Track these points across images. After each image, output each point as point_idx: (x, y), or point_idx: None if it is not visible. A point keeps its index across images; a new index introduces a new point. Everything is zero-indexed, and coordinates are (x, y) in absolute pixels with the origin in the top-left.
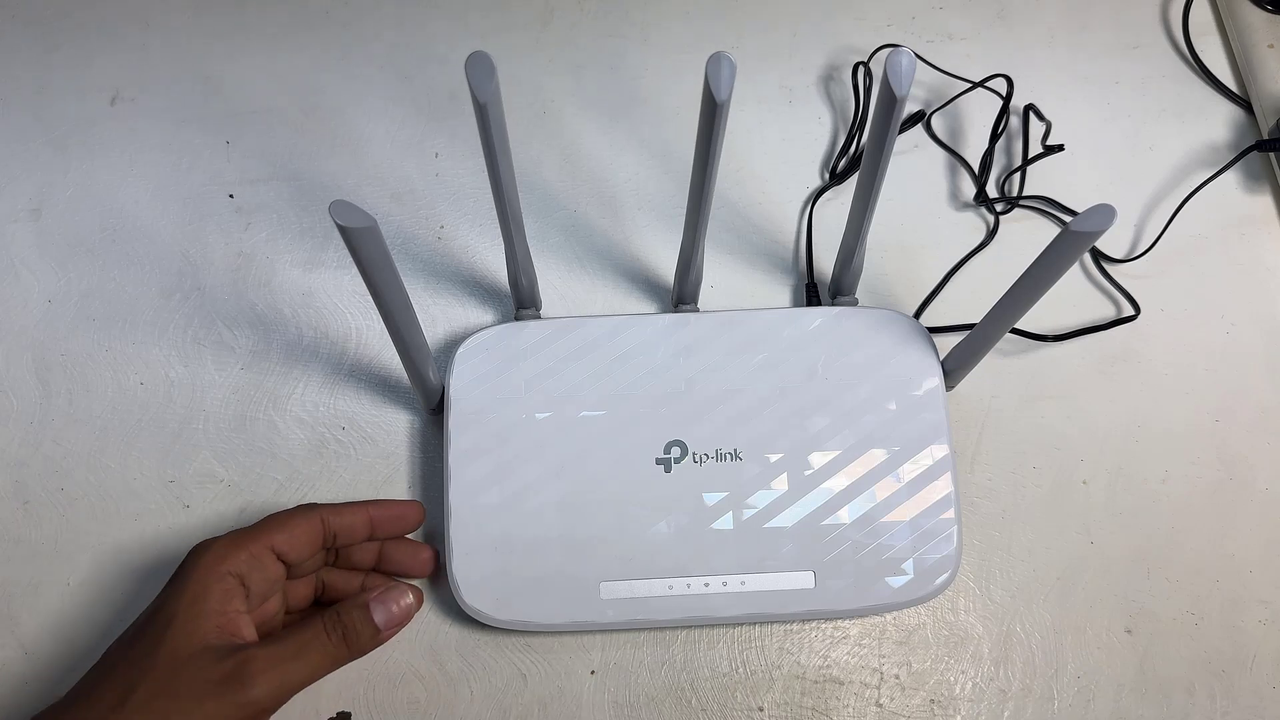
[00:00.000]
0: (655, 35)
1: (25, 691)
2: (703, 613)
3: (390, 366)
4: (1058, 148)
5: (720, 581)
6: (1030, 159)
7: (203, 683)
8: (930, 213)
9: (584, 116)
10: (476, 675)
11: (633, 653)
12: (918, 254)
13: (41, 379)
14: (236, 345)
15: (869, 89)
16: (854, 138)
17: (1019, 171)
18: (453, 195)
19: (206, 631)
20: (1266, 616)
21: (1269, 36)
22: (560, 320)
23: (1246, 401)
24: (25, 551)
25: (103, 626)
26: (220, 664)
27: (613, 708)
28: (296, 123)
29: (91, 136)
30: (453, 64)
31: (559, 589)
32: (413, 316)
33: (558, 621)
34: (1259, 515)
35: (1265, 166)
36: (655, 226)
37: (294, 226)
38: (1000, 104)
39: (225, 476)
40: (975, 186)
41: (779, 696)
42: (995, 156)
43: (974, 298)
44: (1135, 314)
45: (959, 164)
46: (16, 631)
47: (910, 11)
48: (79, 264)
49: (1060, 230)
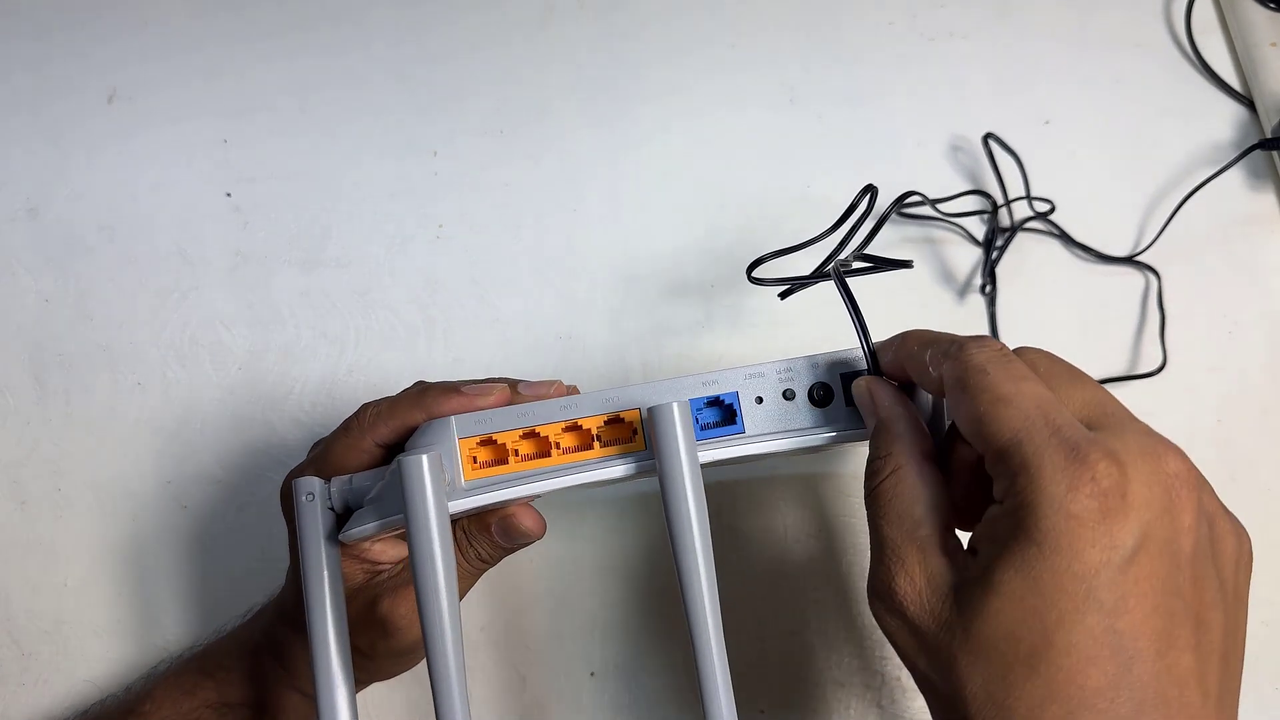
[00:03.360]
0: (655, 34)
1: (22, 693)
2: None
3: (389, 367)
4: (907, 263)
5: None
6: (1015, 230)
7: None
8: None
9: (584, 116)
10: (476, 677)
11: (633, 653)
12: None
13: (38, 379)
14: (234, 345)
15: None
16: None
17: (1000, 250)
18: (452, 194)
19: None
20: (1268, 617)
21: (1272, 35)
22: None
23: (1248, 402)
24: (22, 552)
25: (100, 627)
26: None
27: (613, 709)
28: (294, 121)
29: (89, 135)
30: (451, 62)
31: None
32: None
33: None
34: (1261, 516)
35: (1268, 165)
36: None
37: (292, 226)
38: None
39: (223, 477)
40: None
41: (779, 698)
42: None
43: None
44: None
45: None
46: (14, 632)
47: (912, 10)
48: (76, 263)
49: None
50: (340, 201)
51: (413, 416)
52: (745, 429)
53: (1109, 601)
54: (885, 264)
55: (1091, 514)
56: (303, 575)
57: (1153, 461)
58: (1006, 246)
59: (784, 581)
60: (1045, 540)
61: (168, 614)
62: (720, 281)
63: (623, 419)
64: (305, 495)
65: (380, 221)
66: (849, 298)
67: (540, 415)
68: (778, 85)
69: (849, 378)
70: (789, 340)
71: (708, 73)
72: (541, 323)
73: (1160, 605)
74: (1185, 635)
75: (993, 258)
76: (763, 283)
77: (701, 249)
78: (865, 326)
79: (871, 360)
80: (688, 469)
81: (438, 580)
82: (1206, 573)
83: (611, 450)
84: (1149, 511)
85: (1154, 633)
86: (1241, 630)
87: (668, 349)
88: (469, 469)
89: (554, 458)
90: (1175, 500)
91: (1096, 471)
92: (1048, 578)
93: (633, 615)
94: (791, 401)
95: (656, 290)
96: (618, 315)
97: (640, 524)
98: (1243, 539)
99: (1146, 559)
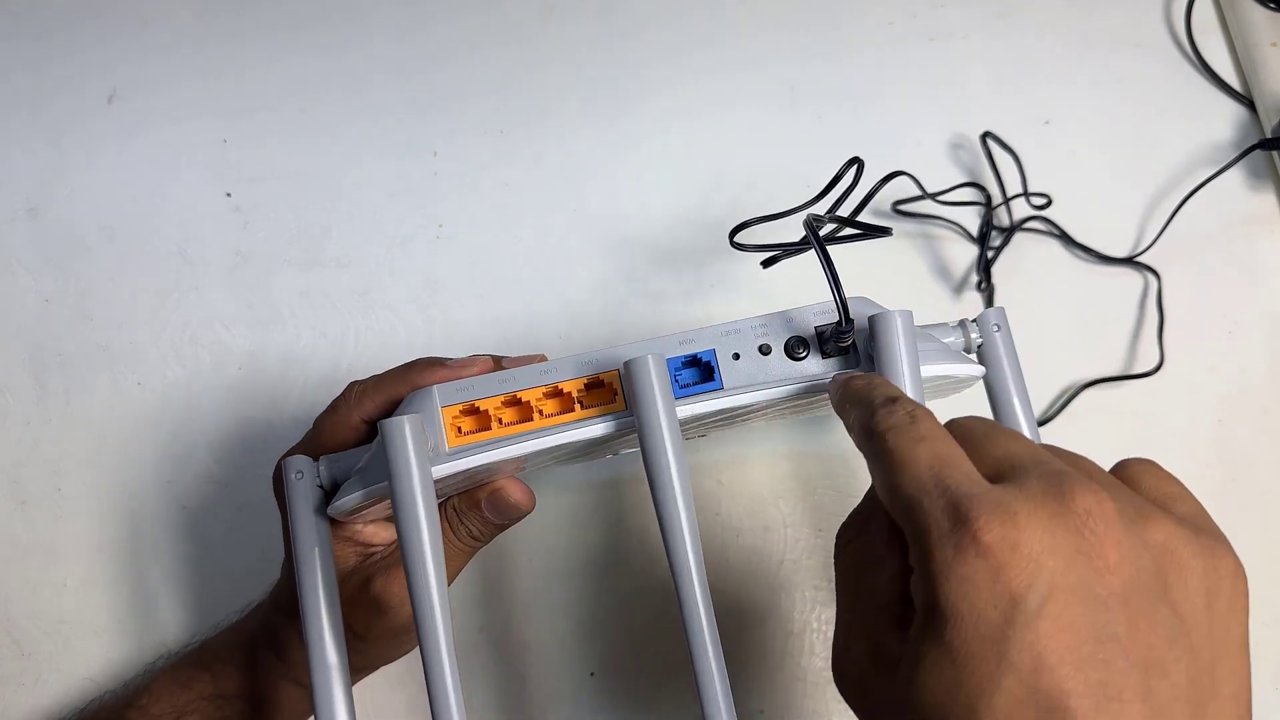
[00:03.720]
0: (655, 33)
1: (21, 693)
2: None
3: (388, 366)
4: (886, 231)
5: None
6: (999, 248)
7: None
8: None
9: (584, 115)
10: (476, 677)
11: (633, 654)
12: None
13: (38, 379)
14: (234, 345)
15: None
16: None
17: (998, 250)
18: (452, 194)
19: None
20: (1268, 617)
21: (1272, 35)
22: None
23: (1249, 402)
24: (22, 552)
25: (100, 627)
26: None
27: (612, 709)
28: (294, 121)
29: (89, 135)
30: (450, 62)
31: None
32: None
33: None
34: (1261, 516)
35: (1268, 165)
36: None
37: (291, 226)
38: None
39: (222, 477)
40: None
41: (780, 699)
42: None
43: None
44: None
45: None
46: (13, 632)
47: (911, 10)
48: (76, 263)
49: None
50: (340, 201)
51: (398, 390)
52: (724, 385)
53: (1024, 662)
54: (863, 229)
55: (982, 573)
56: (294, 552)
57: (1055, 502)
58: (1005, 245)
59: (784, 581)
60: (947, 607)
61: (167, 613)
62: (720, 280)
63: (603, 381)
64: (295, 474)
65: (380, 221)
66: (821, 248)
67: (521, 381)
68: (778, 85)
69: (823, 330)
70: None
71: (708, 72)
72: (541, 323)
73: (1089, 656)
74: (1132, 684)
75: (988, 255)
76: (744, 248)
77: (702, 248)
78: (837, 276)
79: (843, 311)
80: (665, 419)
81: (423, 542)
82: (1154, 611)
83: (592, 412)
84: (1052, 558)
85: (1087, 687)
86: (1227, 667)
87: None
88: (453, 437)
89: (536, 422)
90: (1089, 539)
91: (978, 528)
92: (959, 646)
93: (633, 615)
94: (768, 356)
95: (656, 290)
96: (618, 315)
97: (640, 524)
98: (1219, 565)
99: (1056, 608)
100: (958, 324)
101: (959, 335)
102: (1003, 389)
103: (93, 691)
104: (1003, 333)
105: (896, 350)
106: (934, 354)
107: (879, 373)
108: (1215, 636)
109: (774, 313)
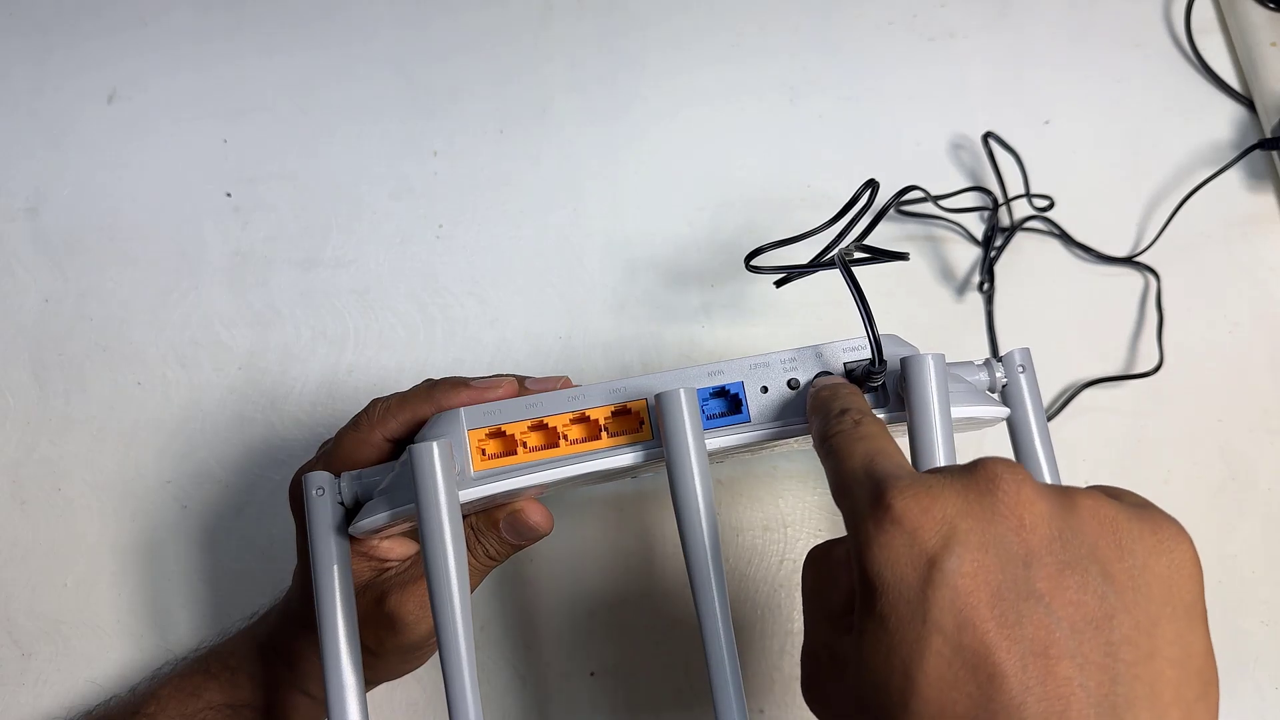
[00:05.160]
0: (655, 33)
1: (22, 693)
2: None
3: (389, 366)
4: (903, 255)
5: None
6: (999, 247)
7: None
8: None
9: (584, 115)
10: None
11: (633, 653)
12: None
13: (38, 379)
14: (234, 345)
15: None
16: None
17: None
18: (452, 193)
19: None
20: (1268, 617)
21: (1272, 35)
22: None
23: (1249, 401)
24: (22, 552)
25: (100, 628)
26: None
27: (612, 709)
28: (294, 121)
29: (89, 135)
30: (451, 62)
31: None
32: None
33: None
34: (1261, 516)
35: (1268, 165)
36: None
37: (291, 225)
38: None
39: (223, 477)
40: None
41: (780, 699)
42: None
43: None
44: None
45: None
46: (14, 633)
47: (911, 10)
48: (76, 263)
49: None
50: (340, 201)
51: (422, 410)
52: (751, 418)
53: (948, 621)
54: (882, 255)
55: (898, 539)
56: (313, 569)
57: (968, 474)
58: (1005, 245)
59: (784, 580)
60: (874, 578)
61: (168, 613)
62: (720, 281)
63: (630, 410)
64: (315, 490)
65: (380, 221)
66: (855, 286)
67: (548, 406)
68: (778, 84)
69: (853, 367)
70: (789, 339)
71: (708, 73)
72: (541, 323)
73: (1010, 612)
74: (1059, 640)
75: (991, 256)
76: (761, 270)
77: (702, 248)
78: (870, 314)
79: (877, 353)
80: (694, 454)
81: (449, 567)
82: (1082, 571)
83: (620, 440)
84: (964, 520)
85: (1012, 643)
86: (1170, 629)
87: (668, 349)
88: (478, 460)
89: (562, 448)
90: (1002, 499)
91: (891, 498)
92: (888, 612)
93: (633, 615)
94: (796, 391)
95: (656, 289)
96: (618, 315)
97: (641, 524)
98: (1158, 530)
99: (972, 566)
100: (983, 363)
101: (985, 374)
102: (1024, 431)
103: (94, 693)
104: (1027, 374)
105: (929, 395)
106: (962, 395)
107: (909, 415)
108: (1155, 599)
109: (804, 347)
